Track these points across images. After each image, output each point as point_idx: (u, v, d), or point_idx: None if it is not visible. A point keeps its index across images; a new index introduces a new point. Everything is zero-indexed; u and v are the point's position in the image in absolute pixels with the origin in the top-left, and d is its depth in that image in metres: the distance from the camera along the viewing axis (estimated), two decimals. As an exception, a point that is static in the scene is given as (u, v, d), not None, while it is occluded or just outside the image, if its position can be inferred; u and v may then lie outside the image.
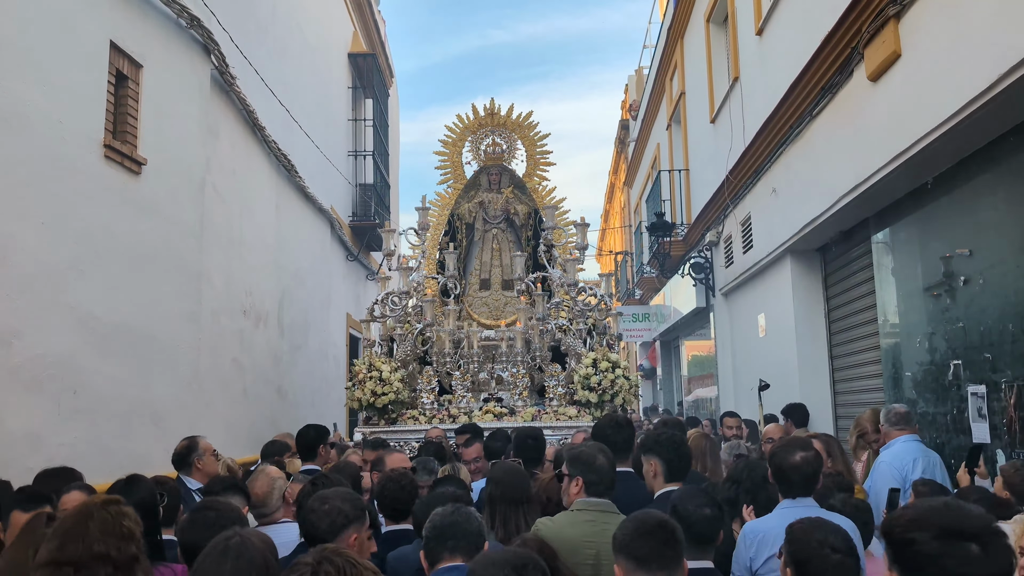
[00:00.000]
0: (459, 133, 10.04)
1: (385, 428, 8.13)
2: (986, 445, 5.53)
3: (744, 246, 10.48)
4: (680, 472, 3.77)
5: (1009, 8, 4.45)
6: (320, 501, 3.02)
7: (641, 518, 2.63)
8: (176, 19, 6.88)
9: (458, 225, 9.95)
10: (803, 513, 3.25)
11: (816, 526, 2.75)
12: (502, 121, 9.99)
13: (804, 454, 3.57)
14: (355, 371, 8.42)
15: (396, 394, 8.17)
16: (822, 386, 8.76)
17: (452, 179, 10.18)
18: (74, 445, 5.34)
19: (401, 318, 8.73)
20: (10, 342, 4.84)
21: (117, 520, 2.50)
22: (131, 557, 2.47)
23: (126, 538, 2.48)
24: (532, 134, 10.01)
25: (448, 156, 10.11)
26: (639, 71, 23.17)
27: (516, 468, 4.11)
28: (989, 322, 5.51)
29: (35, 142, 5.15)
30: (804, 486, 3.56)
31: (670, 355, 19.59)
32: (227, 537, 2.45)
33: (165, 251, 6.70)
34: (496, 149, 10.05)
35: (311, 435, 5.90)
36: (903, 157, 5.81)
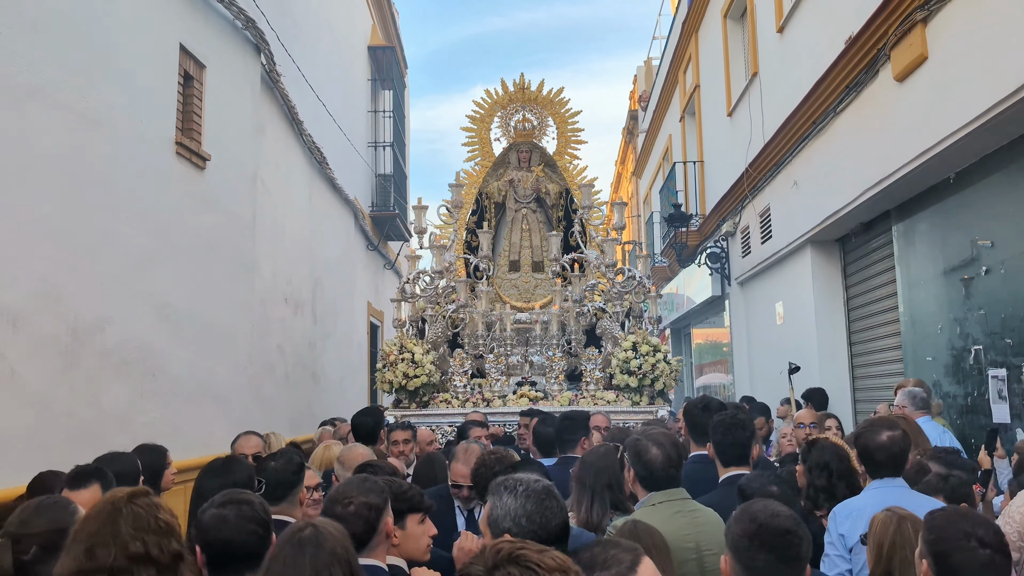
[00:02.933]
0: (488, 108, 9.74)
1: (416, 412, 7.97)
2: (1005, 425, 5.93)
3: (762, 236, 10.83)
4: (735, 457, 3.75)
5: (1035, 18, 4.80)
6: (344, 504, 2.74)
7: (763, 520, 2.35)
8: (233, 21, 7.22)
9: (486, 204, 9.73)
10: (894, 493, 3.32)
11: (961, 516, 2.48)
12: (533, 97, 9.71)
13: (891, 433, 3.48)
14: (385, 352, 8.14)
15: (428, 377, 7.99)
16: (841, 372, 9.12)
17: (480, 156, 9.85)
18: (153, 424, 5.72)
19: (432, 298, 8.54)
20: (103, 328, 5.21)
21: (151, 514, 2.23)
22: (174, 555, 2.21)
23: (165, 533, 2.23)
24: (564, 111, 9.75)
25: (476, 132, 9.80)
26: (648, 62, 23.45)
27: (606, 451, 3.82)
28: (1010, 309, 5.88)
29: (118, 141, 5.50)
30: (892, 466, 3.45)
31: (680, 342, 19.99)
32: (299, 529, 2.28)
33: (224, 242, 7.07)
34: (526, 125, 9.76)
35: (369, 423, 5.72)
36: (928, 155, 6.16)
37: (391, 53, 16.50)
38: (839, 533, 3.35)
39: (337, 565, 2.19)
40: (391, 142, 16.17)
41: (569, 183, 9.66)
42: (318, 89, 10.85)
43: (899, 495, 3.31)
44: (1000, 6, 5.17)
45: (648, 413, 7.82)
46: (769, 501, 2.50)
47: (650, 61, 23.28)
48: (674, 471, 3.29)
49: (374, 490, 2.79)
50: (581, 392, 8.24)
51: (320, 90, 10.97)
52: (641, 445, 3.34)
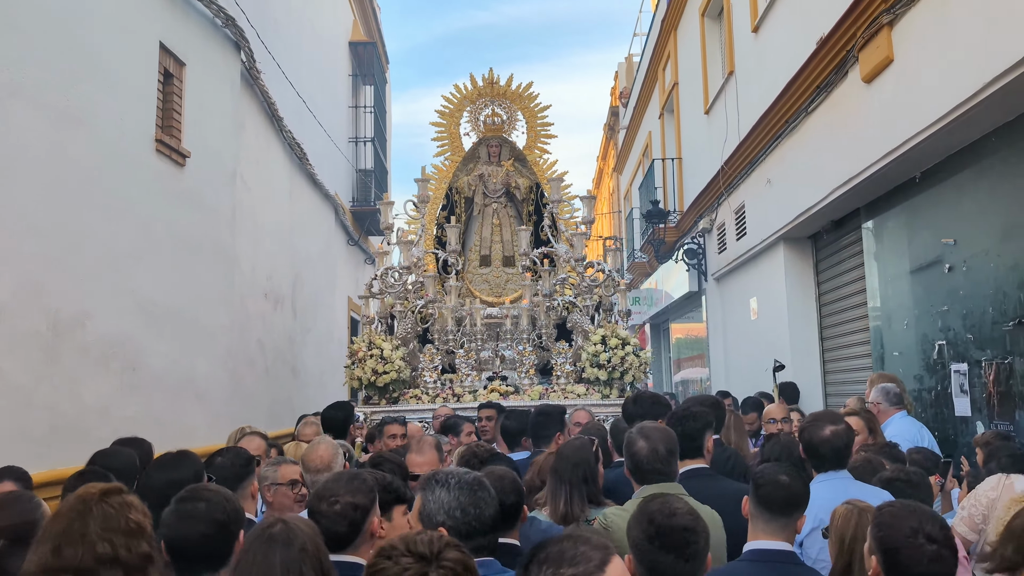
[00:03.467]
0: (457, 103, 9.68)
1: (386, 408, 7.87)
2: (966, 418, 6.12)
3: (738, 233, 11.01)
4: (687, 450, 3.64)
5: (994, 21, 4.96)
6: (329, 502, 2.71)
7: (661, 520, 2.36)
8: (212, 18, 7.29)
9: (456, 199, 9.67)
10: (838, 486, 3.36)
11: (910, 511, 2.48)
12: (502, 91, 9.63)
13: (834, 428, 3.53)
14: (354, 349, 8.13)
15: (398, 373, 7.93)
16: (813, 366, 9.31)
17: (450, 151, 9.80)
18: (135, 418, 5.79)
19: (401, 294, 8.46)
20: (83, 323, 5.29)
21: (122, 513, 2.15)
22: (143, 556, 2.12)
23: (135, 534, 2.14)
24: (532, 105, 9.70)
25: (446, 127, 9.74)
26: (629, 59, 23.60)
27: (581, 444, 3.80)
28: (971, 305, 6.06)
29: (100, 138, 5.57)
30: (835, 460, 3.51)
31: (659, 337, 20.18)
32: (269, 525, 2.25)
33: (204, 238, 7.15)
34: (496, 120, 9.70)
35: (339, 417, 5.68)
36: (894, 154, 6.33)
37: (372, 49, 16.56)
38: None
39: (307, 563, 2.17)
40: (372, 137, 16.24)
41: (539, 177, 9.65)
42: (299, 85, 10.92)
43: (844, 486, 3.38)
44: (962, 11, 5.33)
45: (617, 406, 7.54)
46: (668, 499, 2.48)
47: (631, 58, 23.43)
48: (661, 465, 3.24)
49: (362, 489, 2.74)
50: (552, 386, 8.25)
51: (300, 86, 11.03)
52: (630, 437, 3.33)
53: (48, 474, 4.58)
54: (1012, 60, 4.70)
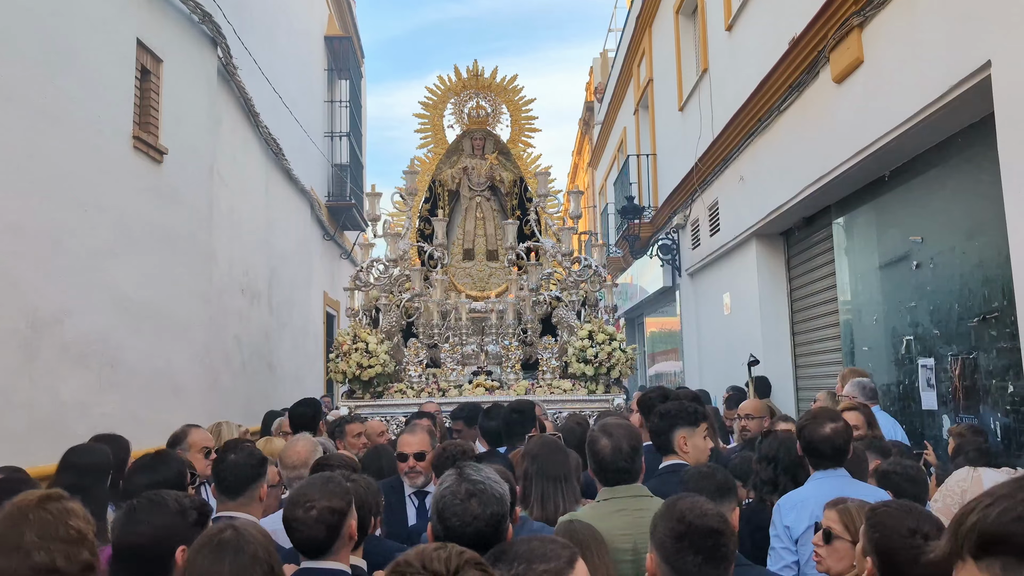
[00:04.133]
0: (441, 95, 9.55)
1: (371, 402, 7.82)
2: (932, 412, 6.28)
3: (711, 229, 11.14)
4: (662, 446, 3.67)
5: (958, 27, 5.09)
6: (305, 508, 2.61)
7: (692, 519, 2.27)
8: (190, 15, 7.28)
9: (440, 192, 9.58)
10: (837, 483, 3.34)
11: (906, 511, 2.44)
12: (487, 84, 9.56)
13: (835, 425, 3.48)
14: (339, 342, 7.98)
15: (383, 367, 7.82)
16: (784, 360, 9.46)
17: (433, 143, 9.66)
18: (112, 414, 5.80)
19: (386, 287, 8.36)
20: (62, 320, 5.30)
21: (61, 520, 2.04)
22: (84, 565, 2.02)
23: (75, 542, 2.03)
24: (517, 98, 9.63)
25: (429, 119, 9.61)
26: (604, 54, 23.69)
27: (554, 442, 3.76)
28: (938, 301, 6.21)
29: (76, 135, 5.57)
30: (835, 458, 3.47)
31: (634, 331, 20.34)
32: (219, 531, 2.17)
33: (181, 235, 7.15)
34: (480, 113, 9.61)
35: (308, 414, 5.51)
36: (863, 153, 6.46)
37: (348, 43, 16.53)
38: (784, 525, 3.36)
39: (259, 570, 2.10)
40: (347, 132, 16.23)
41: (523, 171, 9.59)
42: (275, 80, 10.90)
43: (842, 485, 3.34)
44: (929, 16, 5.46)
45: (604, 402, 7.87)
46: (697, 498, 2.42)
47: (606, 53, 23.52)
48: (625, 463, 3.11)
49: (337, 492, 2.67)
50: (537, 381, 8.22)
51: (277, 82, 11.01)
52: (593, 436, 3.21)
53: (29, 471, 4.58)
54: (976, 64, 4.84)
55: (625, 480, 3.11)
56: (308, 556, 2.59)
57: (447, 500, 2.32)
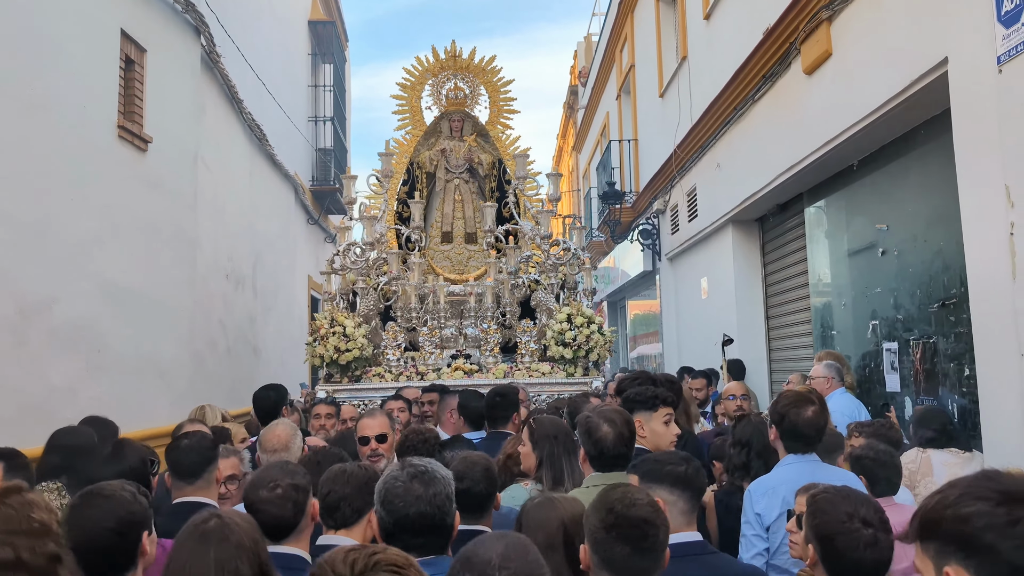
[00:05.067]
0: (419, 76, 9.47)
1: (349, 386, 7.77)
2: (895, 394, 6.51)
3: (689, 215, 11.34)
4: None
5: (919, 25, 5.27)
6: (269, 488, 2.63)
7: (620, 510, 2.26)
8: (173, 4, 7.38)
9: (418, 174, 9.47)
10: (808, 468, 3.34)
11: (843, 496, 2.47)
12: (464, 65, 9.47)
13: (815, 408, 3.45)
14: (316, 326, 7.94)
15: (360, 351, 7.77)
16: (759, 344, 9.69)
17: (411, 125, 9.58)
18: (100, 398, 5.95)
19: (363, 271, 8.29)
20: (50, 307, 5.44)
21: (23, 513, 1.98)
22: (49, 557, 1.96)
23: (39, 534, 1.97)
24: (496, 79, 9.57)
25: (407, 100, 9.53)
26: (588, 38, 23.79)
27: (561, 421, 3.83)
28: (901, 288, 6.43)
29: (62, 126, 5.69)
30: (813, 441, 3.46)
31: (616, 314, 20.56)
32: (203, 520, 2.15)
33: (167, 221, 7.28)
34: (458, 94, 9.52)
35: (272, 398, 5.48)
36: (832, 143, 6.66)
37: (331, 28, 16.58)
38: (755, 512, 3.33)
39: (244, 558, 2.09)
40: (331, 116, 16.31)
41: (502, 153, 9.52)
42: (258, 66, 10.98)
43: (813, 469, 3.34)
44: (893, 13, 5.64)
45: (583, 384, 7.85)
46: (628, 488, 2.41)
47: (590, 37, 23.62)
48: (625, 449, 3.15)
49: (298, 471, 2.70)
50: (516, 364, 8.18)
51: (260, 68, 11.10)
52: (592, 422, 3.18)
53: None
54: (934, 61, 5.02)
55: (620, 466, 3.12)
56: (273, 538, 2.54)
57: (389, 484, 2.38)
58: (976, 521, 1.37)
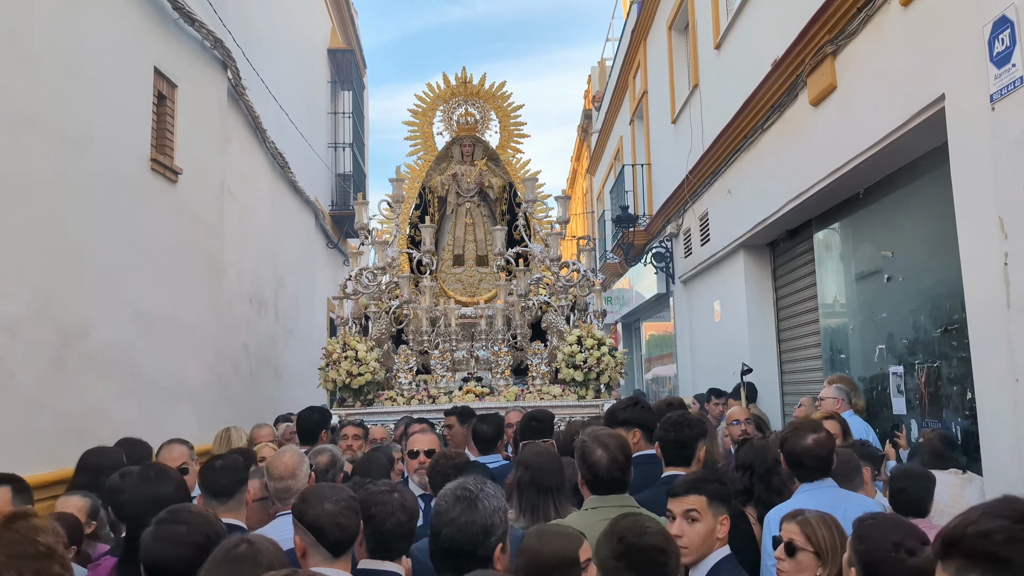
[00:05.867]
0: (430, 102, 9.65)
1: (362, 410, 7.80)
2: (902, 417, 6.67)
3: (702, 239, 11.54)
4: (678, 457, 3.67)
5: (917, 61, 5.48)
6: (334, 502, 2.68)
7: (631, 539, 2.29)
8: (202, 41, 7.69)
9: (429, 198, 9.60)
10: (826, 494, 3.35)
11: (892, 525, 2.47)
12: (475, 91, 9.63)
13: (816, 436, 3.48)
14: (328, 351, 8.00)
15: (372, 375, 7.82)
16: (771, 366, 9.85)
17: (423, 150, 9.76)
18: (132, 420, 6.21)
19: (375, 295, 8.35)
20: (87, 332, 5.71)
21: (28, 538, 2.10)
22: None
23: (45, 557, 2.09)
24: (506, 105, 9.70)
25: (418, 127, 9.70)
26: (602, 63, 24.10)
27: (548, 451, 3.75)
28: (906, 313, 6.61)
29: (99, 159, 5.99)
30: (820, 469, 3.47)
31: (631, 336, 20.72)
32: (234, 545, 2.20)
33: (195, 249, 7.56)
34: (469, 119, 9.67)
35: (315, 418, 5.65)
36: (837, 173, 6.87)
37: (350, 56, 16.97)
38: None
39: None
40: (350, 142, 16.66)
41: (512, 177, 9.64)
42: (280, 96, 11.32)
43: (831, 496, 3.35)
44: (892, 50, 5.86)
45: (594, 407, 7.84)
46: (639, 517, 2.43)
47: (604, 62, 23.94)
48: (620, 474, 3.16)
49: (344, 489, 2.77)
50: (528, 387, 8.17)
51: (282, 97, 11.43)
52: (587, 447, 3.20)
53: (57, 474, 5.01)
54: (932, 96, 5.24)
55: (617, 489, 3.15)
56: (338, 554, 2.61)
57: (438, 499, 2.49)
58: (996, 536, 1.43)
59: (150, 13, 6.79)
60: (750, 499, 3.83)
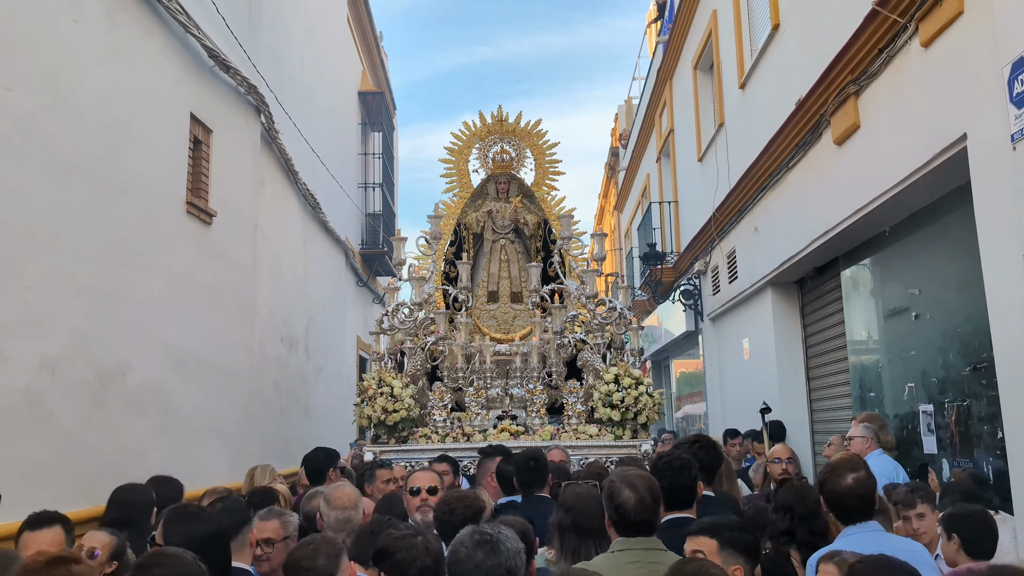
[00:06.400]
0: (466, 140, 9.69)
1: (396, 447, 7.77)
2: (933, 456, 6.61)
3: (730, 276, 11.56)
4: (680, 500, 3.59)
5: (939, 101, 5.53)
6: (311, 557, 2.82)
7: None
8: (236, 87, 7.92)
9: (465, 235, 9.68)
10: (870, 539, 3.25)
11: (883, 566, 2.49)
12: (511, 128, 9.66)
13: (856, 475, 3.38)
14: (364, 386, 7.98)
15: (408, 411, 7.79)
16: (800, 405, 9.79)
17: (458, 187, 9.79)
18: (165, 458, 6.32)
19: (411, 331, 8.33)
20: (124, 372, 5.85)
21: None
22: None
23: None
24: (541, 142, 9.71)
25: (454, 164, 9.73)
26: (628, 102, 24.32)
27: (590, 493, 3.64)
28: (935, 351, 6.58)
29: (137, 203, 6.17)
30: (862, 510, 3.37)
31: (660, 373, 20.65)
32: None
33: (228, 289, 7.73)
34: (505, 157, 9.70)
35: (320, 458, 5.71)
36: (862, 211, 6.90)
37: (380, 98, 17.28)
38: None
39: None
40: (380, 182, 16.91)
41: (547, 214, 9.64)
42: (312, 139, 11.55)
43: (876, 540, 3.24)
44: (914, 90, 5.91)
45: (631, 447, 7.70)
46: (703, 562, 2.48)
47: (630, 100, 24.15)
48: (648, 515, 3.12)
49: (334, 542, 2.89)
50: (563, 426, 8.05)
51: (314, 140, 11.67)
52: (614, 487, 3.18)
53: (95, 510, 5.12)
54: (954, 136, 5.28)
55: (644, 532, 3.11)
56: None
57: (455, 546, 2.46)
58: None
59: (187, 61, 7.02)
60: (792, 541, 3.76)
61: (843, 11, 6.91)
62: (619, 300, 9.00)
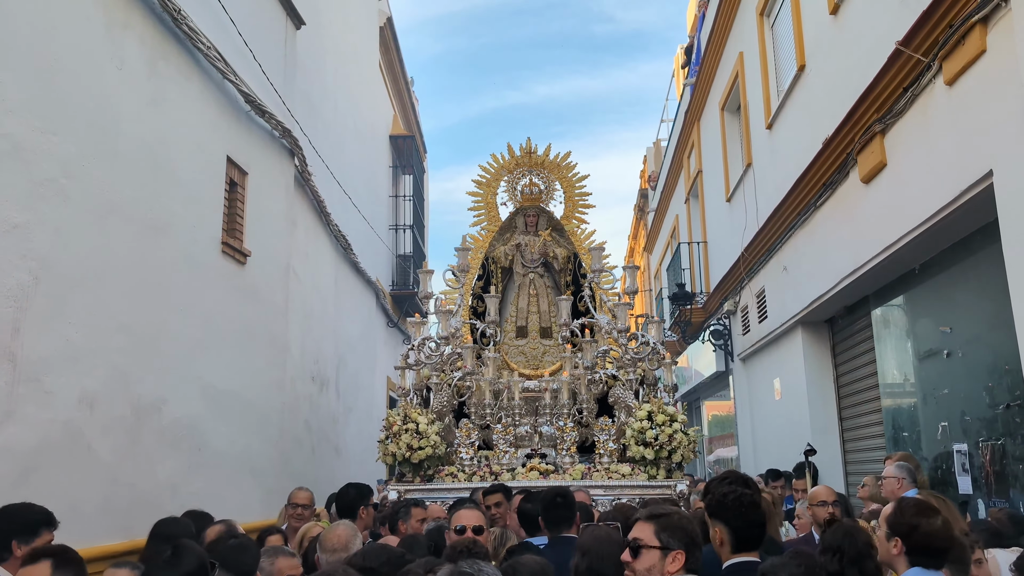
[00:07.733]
0: (494, 173, 9.58)
1: (421, 486, 7.54)
2: (968, 496, 6.52)
3: (759, 316, 11.52)
4: (750, 540, 3.35)
5: (965, 138, 5.56)
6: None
7: None
8: (271, 131, 8.13)
9: (493, 269, 9.50)
10: None
11: None
12: (540, 161, 9.56)
13: (944, 517, 3.26)
14: (389, 422, 7.75)
15: (433, 448, 7.56)
16: (833, 444, 9.69)
17: (486, 220, 9.65)
18: (199, 493, 6.39)
19: (438, 365, 8.10)
20: (160, 408, 5.96)
21: None
22: None
23: None
24: (571, 175, 9.60)
25: (482, 197, 9.62)
26: (657, 143, 24.49)
27: (608, 535, 3.54)
28: (967, 389, 6.52)
29: (175, 244, 6.33)
30: (944, 554, 3.25)
31: (692, 415, 20.48)
32: None
33: (261, 328, 7.85)
34: (534, 190, 9.60)
35: (351, 495, 5.61)
36: (891, 249, 6.90)
37: (411, 141, 17.57)
38: None
39: None
40: (411, 224, 17.12)
41: (577, 247, 9.47)
42: (344, 181, 11.78)
43: None
44: (940, 126, 5.95)
45: (666, 488, 7.42)
46: None
47: (659, 142, 24.32)
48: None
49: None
50: (594, 465, 7.76)
51: (346, 182, 11.90)
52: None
53: (129, 544, 5.20)
54: (980, 173, 5.30)
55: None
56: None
57: None
58: None
59: (224, 106, 7.23)
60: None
61: (868, 51, 6.99)
62: (652, 335, 8.58)
